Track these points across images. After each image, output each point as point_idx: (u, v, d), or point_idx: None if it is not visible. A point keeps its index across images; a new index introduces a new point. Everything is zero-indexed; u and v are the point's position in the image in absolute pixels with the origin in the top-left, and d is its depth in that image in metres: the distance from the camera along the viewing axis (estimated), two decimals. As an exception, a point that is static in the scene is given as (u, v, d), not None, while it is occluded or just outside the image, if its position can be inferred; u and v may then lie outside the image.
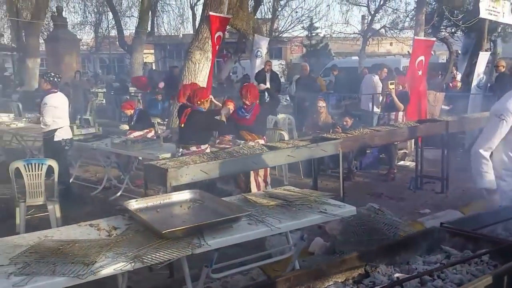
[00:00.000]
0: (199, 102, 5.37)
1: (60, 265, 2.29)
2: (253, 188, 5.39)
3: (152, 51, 33.46)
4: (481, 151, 3.02)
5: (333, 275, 1.89)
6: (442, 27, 15.54)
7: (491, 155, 3.05)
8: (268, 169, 5.63)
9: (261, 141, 5.58)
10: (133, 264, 2.36)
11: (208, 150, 5.34)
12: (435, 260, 2.15)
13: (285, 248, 3.92)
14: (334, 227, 4.33)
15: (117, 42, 25.06)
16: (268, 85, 11.38)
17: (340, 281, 1.89)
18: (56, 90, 6.33)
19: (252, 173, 5.42)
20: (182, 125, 5.38)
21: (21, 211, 5.03)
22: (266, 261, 3.59)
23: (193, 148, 5.30)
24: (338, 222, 4.21)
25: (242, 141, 5.60)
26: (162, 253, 2.47)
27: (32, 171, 4.97)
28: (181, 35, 26.90)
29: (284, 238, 4.12)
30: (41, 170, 5.00)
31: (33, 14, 17.91)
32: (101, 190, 6.92)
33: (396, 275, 1.92)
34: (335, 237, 4.26)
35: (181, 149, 5.38)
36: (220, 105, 6.28)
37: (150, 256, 2.42)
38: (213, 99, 5.96)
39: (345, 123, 7.90)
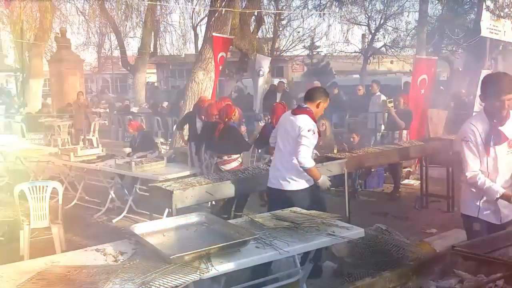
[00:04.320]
0: (226, 119, 6.04)
1: (68, 293, 2.26)
2: None
3: (155, 70, 33.69)
4: (468, 176, 3.23)
5: (347, 302, 1.85)
6: (443, 46, 15.63)
7: None
8: None
9: None
10: (141, 291, 2.32)
11: (239, 160, 6.07)
12: (448, 285, 2.11)
13: (292, 273, 3.88)
14: (341, 249, 4.27)
15: (120, 63, 25.25)
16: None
17: (353, 308, 1.86)
18: None
19: None
20: (216, 138, 6.05)
21: (25, 234, 4.99)
22: (274, 284, 3.54)
23: (225, 157, 5.97)
24: (346, 244, 4.15)
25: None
26: (170, 278, 2.43)
27: (37, 194, 4.95)
28: (183, 55, 27.11)
29: (290, 260, 4.08)
30: (46, 193, 4.98)
31: (37, 35, 18.08)
32: (105, 211, 6.88)
33: (411, 301, 1.89)
34: (343, 259, 4.21)
35: (216, 158, 6.04)
36: None
37: (158, 282, 2.38)
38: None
39: (352, 139, 7.89)
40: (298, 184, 4.27)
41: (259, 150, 7.17)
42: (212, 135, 6.13)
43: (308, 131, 4.13)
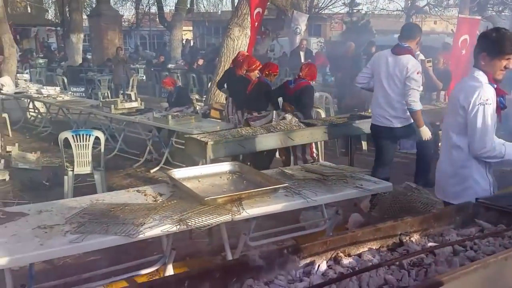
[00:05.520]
0: (267, 73, 6.05)
1: (112, 225, 2.48)
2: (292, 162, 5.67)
3: (191, 28, 33.67)
4: (484, 151, 2.76)
5: (368, 242, 1.97)
6: (489, 6, 14.96)
7: None
8: (313, 144, 5.69)
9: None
10: (178, 226, 2.52)
11: (270, 117, 5.96)
12: (468, 233, 2.19)
13: (319, 222, 4.04)
14: (369, 204, 4.38)
15: (157, 19, 25.36)
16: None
17: (374, 248, 1.98)
18: None
19: (290, 148, 5.58)
20: (248, 94, 6.04)
21: (69, 179, 5.31)
22: (301, 232, 3.71)
23: (255, 113, 5.95)
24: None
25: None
26: (204, 218, 2.62)
27: (80, 142, 5.22)
28: (219, 12, 26.94)
29: (318, 214, 4.23)
30: (89, 141, 5.24)
31: (77, -10, 18.34)
32: (143, 162, 7.17)
33: (430, 244, 1.99)
34: (370, 214, 4.32)
35: (246, 114, 6.04)
36: None
37: (193, 220, 2.57)
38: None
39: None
40: (404, 120, 4.62)
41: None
42: (243, 90, 6.15)
43: (418, 73, 4.40)
